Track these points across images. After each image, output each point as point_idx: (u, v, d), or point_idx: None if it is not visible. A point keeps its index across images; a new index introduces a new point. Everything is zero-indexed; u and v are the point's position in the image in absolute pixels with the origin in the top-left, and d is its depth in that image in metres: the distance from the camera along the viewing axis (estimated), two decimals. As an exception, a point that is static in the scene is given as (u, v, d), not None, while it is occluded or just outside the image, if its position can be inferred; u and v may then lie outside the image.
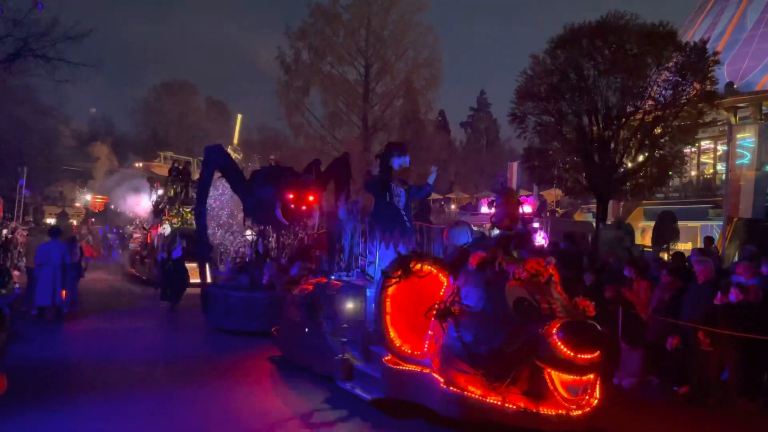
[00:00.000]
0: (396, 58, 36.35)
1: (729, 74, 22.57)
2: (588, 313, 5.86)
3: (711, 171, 25.26)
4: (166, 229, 21.18)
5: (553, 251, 12.25)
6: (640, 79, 17.06)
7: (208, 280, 14.28)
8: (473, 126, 63.39)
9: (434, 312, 6.16)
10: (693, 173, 25.22)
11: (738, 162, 16.84)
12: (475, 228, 8.76)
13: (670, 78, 17.20)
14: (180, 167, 24.48)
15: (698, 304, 8.04)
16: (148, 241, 22.71)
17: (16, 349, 9.64)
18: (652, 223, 20.47)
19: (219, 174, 14.80)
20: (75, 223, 39.51)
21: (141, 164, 53.37)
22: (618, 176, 17.85)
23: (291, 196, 12.89)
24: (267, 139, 40.11)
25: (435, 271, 6.60)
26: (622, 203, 24.70)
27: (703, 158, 25.60)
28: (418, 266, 6.58)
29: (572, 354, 5.26)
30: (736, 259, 14.70)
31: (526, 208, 26.63)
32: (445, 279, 6.49)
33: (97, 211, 45.72)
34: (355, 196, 14.24)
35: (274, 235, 14.27)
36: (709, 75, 17.33)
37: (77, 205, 49.56)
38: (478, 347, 5.71)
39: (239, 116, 55.32)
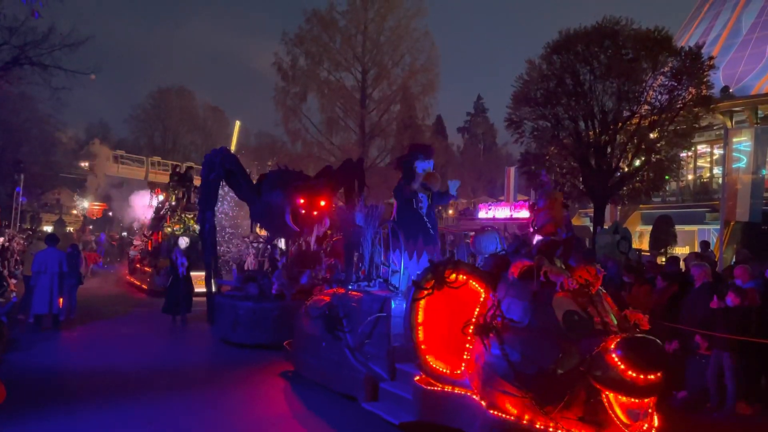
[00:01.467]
0: (393, 64, 36.45)
1: (724, 78, 22.69)
2: (641, 327, 5.31)
3: (707, 175, 25.35)
4: (182, 242, 20.35)
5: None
6: (636, 83, 17.15)
7: (214, 289, 13.59)
8: (470, 131, 63.52)
9: (473, 327, 5.59)
10: (689, 177, 25.31)
11: (734, 166, 16.88)
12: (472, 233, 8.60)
13: (666, 82, 17.29)
14: (181, 172, 23.49)
15: (696, 308, 8.05)
16: (149, 248, 21.87)
17: (13, 357, 9.60)
18: (650, 227, 20.55)
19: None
20: (72, 230, 39.39)
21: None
22: (615, 180, 17.90)
23: (302, 201, 12.08)
24: (264, 145, 40.12)
25: (471, 281, 5.92)
26: (619, 207, 24.77)
27: (700, 162, 25.70)
28: (453, 276, 5.92)
29: (634, 374, 4.67)
30: (733, 262, 14.73)
31: (523, 213, 26.71)
32: (482, 290, 5.84)
33: (94, 217, 45.65)
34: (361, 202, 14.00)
35: (283, 241, 13.57)
36: (705, 79, 17.43)
37: (74, 212, 49.51)
38: (526, 367, 5.10)
39: (237, 122, 55.40)
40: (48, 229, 35.07)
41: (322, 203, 12.35)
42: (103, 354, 10.35)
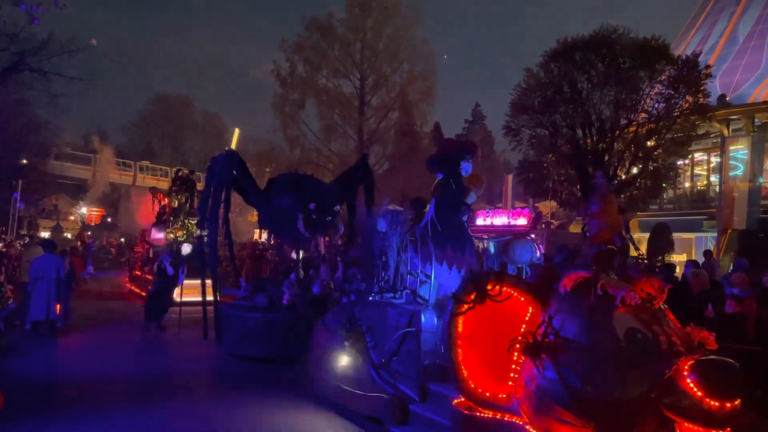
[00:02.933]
0: (391, 71, 36.63)
1: (721, 87, 22.76)
2: (708, 347, 4.81)
3: (705, 183, 25.40)
4: (185, 248, 19.11)
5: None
6: (633, 92, 17.20)
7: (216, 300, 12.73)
8: (468, 138, 63.60)
9: (520, 345, 5.01)
10: (687, 185, 25.36)
11: (731, 174, 16.97)
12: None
13: (663, 91, 17.35)
14: (184, 176, 22.57)
15: (691, 316, 8.05)
16: (150, 255, 21.28)
17: (10, 363, 9.58)
18: (647, 235, 20.56)
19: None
20: (71, 236, 39.31)
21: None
22: (612, 188, 17.93)
23: (313, 206, 11.45)
24: (262, 151, 40.21)
25: (517, 294, 5.36)
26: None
27: (697, 170, 25.74)
28: (497, 288, 5.34)
29: (713, 401, 4.24)
30: (730, 270, 14.75)
31: (521, 221, 26.74)
32: (529, 304, 5.28)
33: (92, 224, 45.53)
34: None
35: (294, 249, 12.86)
36: (702, 88, 17.50)
37: (72, 218, 49.42)
38: (587, 392, 4.52)
39: (237, 130, 55.52)
40: (45, 235, 34.98)
41: (336, 208, 11.77)
42: (100, 362, 10.30)
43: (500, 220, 31.37)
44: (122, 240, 37.91)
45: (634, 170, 18.06)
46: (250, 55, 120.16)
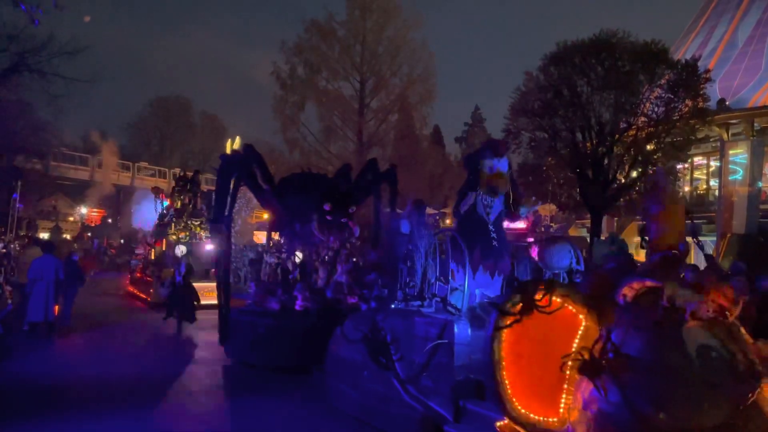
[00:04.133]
0: (391, 74, 36.67)
1: (721, 91, 22.80)
2: None
3: (704, 187, 25.43)
4: (182, 249, 18.97)
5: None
6: (632, 95, 17.24)
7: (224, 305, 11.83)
8: (468, 141, 63.69)
9: (574, 363, 4.48)
10: (686, 189, 25.38)
11: (731, 178, 17.00)
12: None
13: (663, 95, 17.39)
14: (188, 176, 22.19)
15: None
16: (152, 257, 21.00)
17: (8, 365, 9.55)
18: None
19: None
20: (69, 237, 39.26)
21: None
22: (612, 192, 17.95)
23: (329, 206, 10.86)
24: (261, 153, 40.17)
25: (569, 305, 4.83)
26: (616, 219, 24.82)
27: (696, 174, 25.78)
28: (546, 298, 4.81)
29: None
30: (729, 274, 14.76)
31: (521, 224, 26.78)
32: (583, 316, 4.74)
33: (93, 224, 45.49)
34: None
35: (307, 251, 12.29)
36: (701, 92, 17.53)
37: (71, 219, 49.40)
38: (659, 419, 4.01)
39: (237, 138, 55.71)
40: (44, 236, 34.97)
41: (352, 209, 11.18)
42: (98, 364, 10.25)
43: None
44: (122, 241, 37.90)
45: (634, 174, 18.09)
46: (250, 56, 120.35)
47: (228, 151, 49.77)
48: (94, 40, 28.06)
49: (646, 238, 5.19)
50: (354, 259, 11.58)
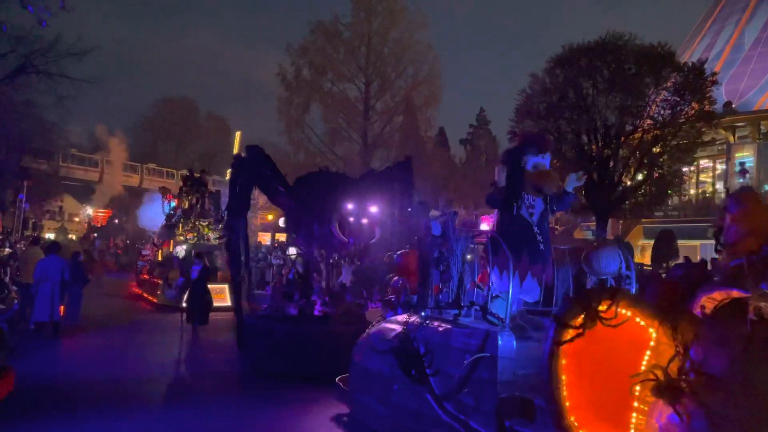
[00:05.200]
0: (396, 76, 36.74)
1: (727, 94, 22.72)
2: None
3: (710, 190, 25.34)
4: (180, 252, 18.98)
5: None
6: (638, 98, 17.22)
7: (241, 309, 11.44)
8: (473, 143, 63.63)
9: (648, 383, 3.94)
10: (692, 192, 25.30)
11: (737, 181, 16.89)
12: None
13: (669, 97, 17.35)
14: (196, 176, 21.86)
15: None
16: (159, 258, 20.82)
17: (13, 365, 9.56)
18: (652, 242, 20.50)
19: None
20: (75, 237, 39.39)
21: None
22: (617, 194, 17.92)
23: (350, 207, 10.41)
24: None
25: (638, 317, 4.30)
26: (621, 221, 24.76)
27: (702, 177, 25.69)
28: (612, 309, 4.30)
29: None
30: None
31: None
32: (655, 330, 4.19)
33: (99, 225, 45.58)
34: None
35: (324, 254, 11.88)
36: (708, 95, 17.49)
37: (77, 219, 49.58)
38: None
39: (238, 133, 55.87)
40: (50, 236, 35.11)
41: (374, 210, 10.71)
42: (105, 365, 10.19)
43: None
44: (127, 241, 37.97)
45: (639, 177, 18.05)
46: (256, 58, 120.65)
47: (235, 148, 50.01)
48: (100, 41, 28.20)
49: (723, 242, 4.64)
50: (358, 262, 11.44)
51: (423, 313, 6.47)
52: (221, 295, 15.19)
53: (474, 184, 52.78)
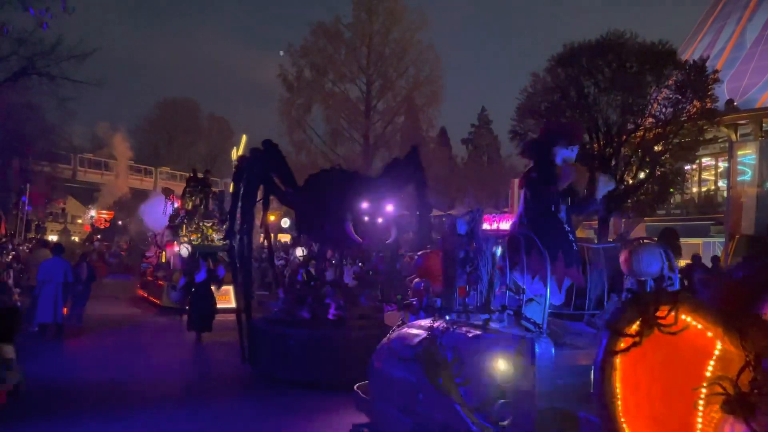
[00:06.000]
0: (397, 76, 36.77)
1: (729, 91, 22.67)
2: None
3: (712, 188, 25.29)
4: (182, 249, 18.70)
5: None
6: (640, 96, 17.18)
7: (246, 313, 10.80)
8: (474, 143, 63.62)
9: (712, 398, 3.59)
10: (694, 190, 25.26)
11: (739, 179, 16.90)
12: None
13: (671, 96, 17.31)
14: (200, 176, 21.69)
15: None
16: (162, 260, 20.63)
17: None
18: (654, 240, 20.48)
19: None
20: (78, 239, 39.44)
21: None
22: (619, 193, 17.89)
23: (365, 206, 9.94)
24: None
25: (699, 323, 3.94)
26: (623, 220, 24.73)
27: (705, 175, 25.64)
28: (671, 315, 3.93)
29: None
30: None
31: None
32: (718, 338, 3.81)
33: (102, 227, 45.62)
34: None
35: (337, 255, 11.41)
36: (709, 92, 17.45)
37: (80, 221, 49.67)
38: None
39: (244, 137, 55.92)
40: (53, 238, 35.17)
41: (389, 208, 10.28)
42: (107, 367, 10.19)
43: (506, 224, 31.41)
44: (129, 240, 37.95)
45: (641, 175, 18.02)
46: (257, 59, 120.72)
47: (239, 151, 50.09)
48: (102, 43, 28.26)
49: None
50: (360, 263, 11.21)
51: (448, 318, 6.03)
52: (225, 297, 15.07)
53: (476, 183, 52.88)
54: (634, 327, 3.91)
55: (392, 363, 6.38)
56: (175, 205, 21.92)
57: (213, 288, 13.61)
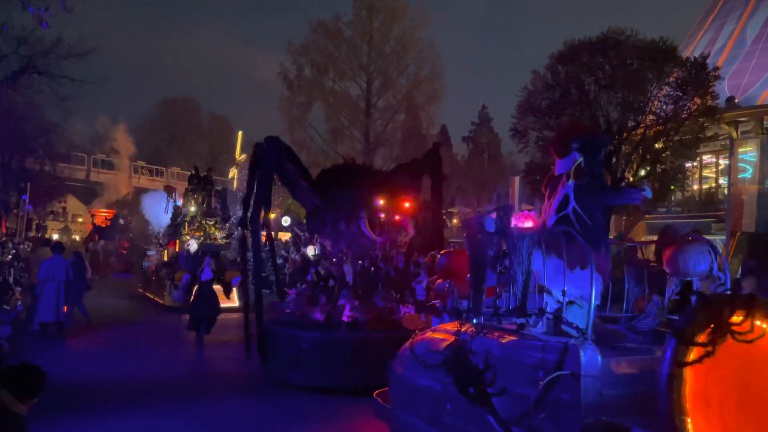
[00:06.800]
0: (398, 74, 36.77)
1: (730, 89, 22.65)
2: None
3: (713, 185, 25.27)
4: (191, 245, 18.58)
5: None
6: (640, 94, 17.19)
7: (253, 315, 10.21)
8: (475, 140, 63.57)
9: None
10: (695, 187, 25.25)
11: (740, 176, 16.88)
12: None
13: (671, 93, 17.32)
14: (203, 174, 21.42)
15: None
16: (164, 258, 20.40)
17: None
18: (655, 238, 20.47)
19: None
20: (78, 238, 39.43)
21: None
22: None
23: (381, 202, 9.58)
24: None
25: None
26: (624, 218, 24.72)
27: (705, 172, 25.61)
28: (747, 322, 3.59)
29: None
30: (739, 274, 14.67)
31: (528, 223, 26.65)
32: None
33: (104, 225, 45.55)
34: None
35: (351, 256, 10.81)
36: (710, 90, 17.45)
37: (80, 220, 49.64)
38: None
39: (240, 133, 56.00)
40: (54, 237, 35.18)
41: (406, 205, 9.82)
42: (108, 367, 10.16)
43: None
44: (133, 241, 37.88)
45: (642, 172, 18.01)
46: (258, 58, 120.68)
47: (238, 147, 50.06)
48: (102, 42, 28.25)
49: None
50: (361, 262, 10.42)
51: (476, 321, 5.60)
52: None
53: (476, 181, 52.86)
54: (704, 335, 3.54)
55: (416, 370, 5.93)
56: (178, 203, 21.74)
57: (222, 291, 13.40)
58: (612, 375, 4.34)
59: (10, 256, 19.74)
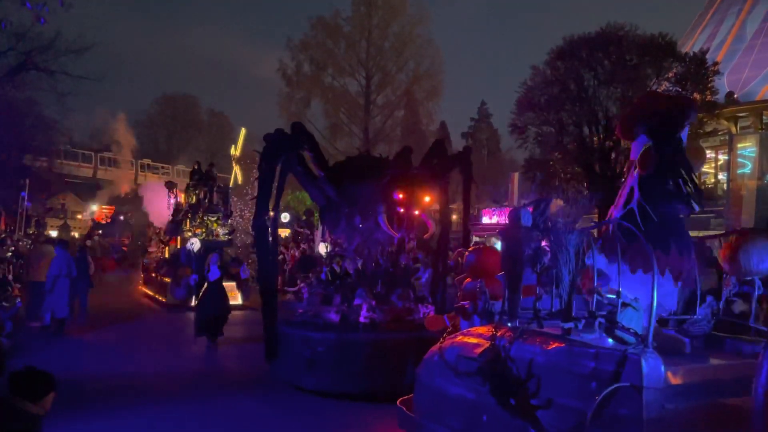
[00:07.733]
0: (397, 70, 36.74)
1: (729, 84, 22.66)
2: None
3: (712, 181, 25.30)
4: (195, 244, 18.05)
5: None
6: (640, 89, 17.18)
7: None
8: (474, 136, 63.53)
9: None
10: (694, 183, 25.28)
11: (739, 171, 16.90)
12: (476, 238, 6.09)
13: (670, 88, 17.31)
14: (204, 169, 20.97)
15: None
16: (165, 255, 20.14)
17: (19, 362, 9.56)
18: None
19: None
20: (78, 235, 39.42)
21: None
22: (619, 186, 17.92)
23: (401, 196, 9.03)
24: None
25: None
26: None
27: (705, 168, 25.64)
28: None
29: None
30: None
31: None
32: None
33: (104, 222, 45.51)
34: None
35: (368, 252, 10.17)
36: (709, 85, 17.45)
37: (79, 217, 49.59)
38: None
39: (243, 130, 55.91)
40: (53, 234, 35.16)
41: (427, 199, 9.40)
42: (109, 367, 9.98)
43: (506, 219, 31.31)
44: (133, 238, 37.88)
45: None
46: (256, 54, 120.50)
47: (239, 144, 50.03)
48: (101, 38, 28.18)
49: None
50: (361, 260, 10.07)
51: (512, 325, 5.07)
52: (232, 293, 14.83)
53: (476, 177, 52.88)
54: None
55: (446, 377, 5.41)
56: (178, 199, 21.53)
57: (236, 286, 12.90)
58: (672, 386, 3.96)
59: (9, 253, 19.73)
